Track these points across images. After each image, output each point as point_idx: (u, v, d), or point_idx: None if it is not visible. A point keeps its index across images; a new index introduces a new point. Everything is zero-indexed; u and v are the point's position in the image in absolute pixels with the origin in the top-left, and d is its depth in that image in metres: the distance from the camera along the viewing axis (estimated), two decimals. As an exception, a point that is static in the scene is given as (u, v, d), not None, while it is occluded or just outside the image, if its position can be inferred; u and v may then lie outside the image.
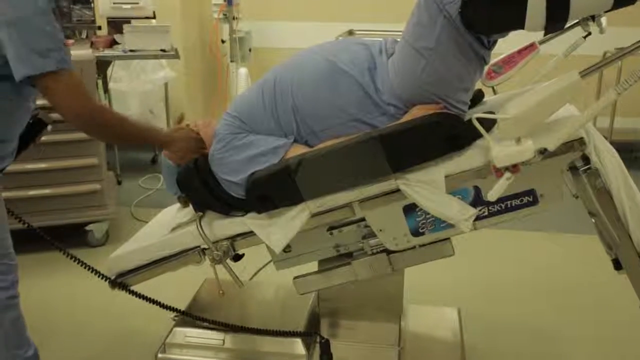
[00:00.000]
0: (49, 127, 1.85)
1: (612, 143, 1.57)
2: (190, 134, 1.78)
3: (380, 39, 1.70)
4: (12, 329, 1.81)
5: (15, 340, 1.83)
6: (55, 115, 1.70)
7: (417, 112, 1.57)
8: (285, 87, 1.65)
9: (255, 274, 2.40)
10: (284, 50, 3.41)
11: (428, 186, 1.54)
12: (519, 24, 1.41)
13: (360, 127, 1.61)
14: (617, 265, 1.65)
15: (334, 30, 3.88)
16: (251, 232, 1.70)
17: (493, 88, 1.89)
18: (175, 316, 2.00)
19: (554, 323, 2.49)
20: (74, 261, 1.82)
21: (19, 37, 1.49)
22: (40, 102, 1.76)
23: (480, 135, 1.48)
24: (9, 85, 1.58)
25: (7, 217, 1.78)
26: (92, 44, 3.57)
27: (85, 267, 1.82)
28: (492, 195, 1.45)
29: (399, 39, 1.63)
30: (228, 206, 1.74)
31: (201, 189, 1.73)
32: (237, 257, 1.84)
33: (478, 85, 1.73)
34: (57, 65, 1.52)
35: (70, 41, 3.36)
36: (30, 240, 2.00)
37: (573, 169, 1.62)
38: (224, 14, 4.24)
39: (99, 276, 1.84)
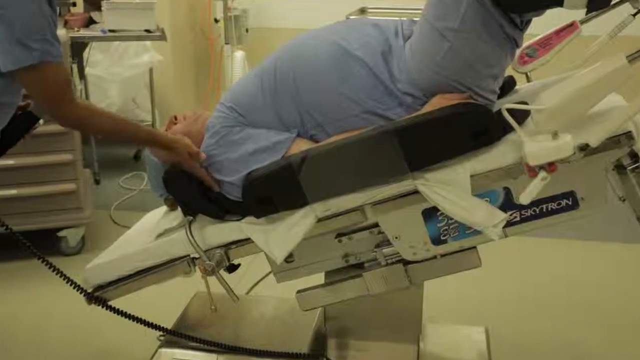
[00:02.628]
0: (41, 121, 1.87)
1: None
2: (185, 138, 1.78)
3: (396, 19, 1.70)
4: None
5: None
6: None
7: (438, 103, 1.57)
8: (287, 74, 1.66)
9: (253, 287, 2.40)
10: (285, 31, 3.41)
11: (451, 187, 1.54)
12: (557, 0, 1.41)
13: (373, 119, 1.61)
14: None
15: (344, 8, 3.88)
16: (248, 239, 1.70)
17: (526, 74, 1.89)
18: (161, 335, 2.00)
19: (595, 343, 2.48)
20: (49, 268, 1.82)
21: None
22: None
23: (511, 129, 1.48)
24: None
25: None
26: (65, 23, 3.58)
27: (60, 276, 1.82)
28: (524, 197, 1.45)
29: (417, 19, 1.63)
30: (222, 209, 1.74)
31: (191, 189, 1.73)
32: (232, 268, 1.84)
33: (509, 71, 1.73)
34: (39, 58, 1.54)
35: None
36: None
37: (619, 167, 1.61)
38: (217, -11, 4.25)
39: (74, 288, 1.85)
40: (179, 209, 1.85)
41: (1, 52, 1.54)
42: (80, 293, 1.86)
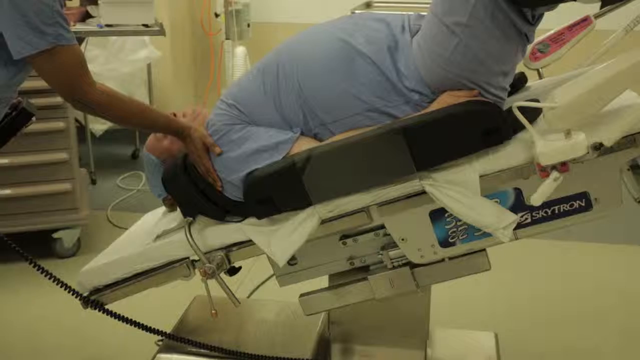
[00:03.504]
0: (34, 118, 1.89)
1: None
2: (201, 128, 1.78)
3: (403, 14, 1.70)
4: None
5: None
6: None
7: (446, 100, 1.58)
8: (290, 70, 1.66)
9: (254, 290, 2.41)
10: (289, 26, 3.42)
11: (459, 188, 1.54)
12: (570, -6, 1.41)
13: (379, 117, 1.62)
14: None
15: (349, 3, 3.88)
16: (250, 241, 1.71)
17: (538, 71, 1.89)
18: (159, 340, 2.01)
19: (610, 351, 2.48)
20: (41, 272, 1.83)
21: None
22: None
23: (522, 128, 1.48)
24: None
25: None
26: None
27: (53, 281, 1.83)
28: (535, 199, 1.45)
29: (425, 13, 1.64)
30: (222, 210, 1.75)
31: (191, 189, 1.74)
32: (233, 271, 1.85)
33: (520, 67, 1.73)
34: (54, 42, 1.57)
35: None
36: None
37: (635, 167, 1.62)
38: (217, -17, 4.26)
39: (69, 292, 1.85)
40: (178, 209, 1.85)
41: (15, 38, 1.56)
42: (75, 297, 1.87)
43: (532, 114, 1.50)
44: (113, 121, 1.75)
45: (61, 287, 1.83)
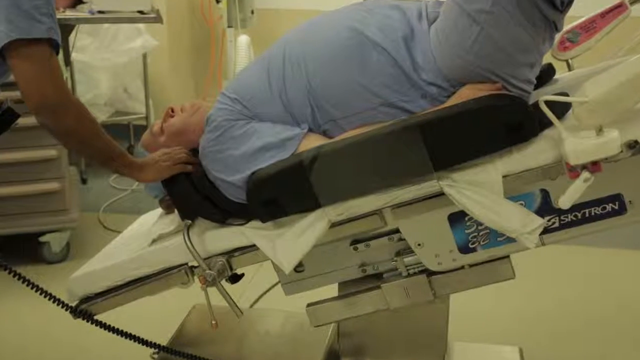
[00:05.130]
0: (18, 120, 1.89)
1: None
2: (160, 150, 1.82)
3: (420, 0, 1.70)
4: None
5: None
6: None
7: (467, 94, 1.57)
8: (297, 62, 1.67)
9: (258, 299, 2.42)
10: (296, 14, 3.43)
11: (481, 189, 1.54)
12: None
13: (393, 112, 1.62)
14: None
15: (360, -13, 3.88)
16: (253, 245, 1.71)
17: (567, 62, 1.89)
18: (155, 353, 2.01)
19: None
20: (23, 282, 1.82)
21: None
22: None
23: (549, 124, 1.48)
24: None
25: None
26: (50, 4, 3.60)
27: (36, 291, 1.82)
28: (564, 201, 1.45)
29: (443, 0, 1.64)
30: (224, 213, 1.75)
31: (190, 190, 1.75)
32: (235, 278, 1.85)
33: (547, 58, 1.72)
34: (47, 33, 1.57)
35: None
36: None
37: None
38: (218, -34, 4.27)
39: (56, 303, 1.85)
40: (176, 211, 1.86)
41: (5, 22, 1.54)
42: (62, 307, 1.86)
43: (561, 109, 1.50)
44: (74, 143, 1.72)
45: (47, 297, 1.82)
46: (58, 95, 1.61)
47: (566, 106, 1.49)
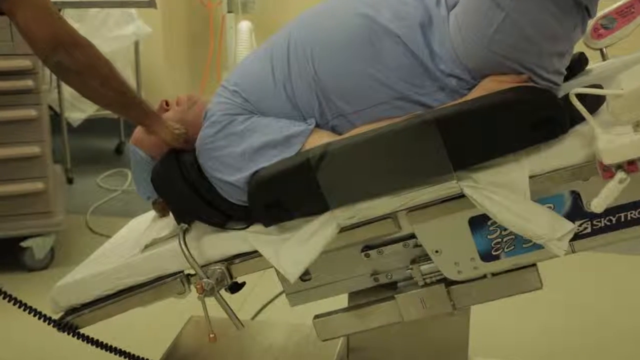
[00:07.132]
0: None
1: None
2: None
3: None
4: None
5: None
6: None
7: (489, 86, 1.58)
8: (303, 51, 1.67)
9: (260, 310, 2.42)
10: (301, -3, 3.42)
11: (505, 191, 1.54)
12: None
13: (409, 107, 1.62)
14: None
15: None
16: (255, 252, 1.72)
17: (601, 51, 1.89)
18: (148, 369, 2.02)
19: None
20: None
21: None
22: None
23: (581, 119, 1.48)
24: None
25: None
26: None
27: (14, 303, 1.82)
28: (597, 204, 1.45)
29: (465, -17, 1.64)
30: (223, 216, 1.76)
31: (186, 191, 1.75)
32: (236, 287, 1.85)
33: (579, 47, 1.72)
34: None
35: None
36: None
37: None
38: (217, -55, 4.28)
39: (34, 315, 1.85)
40: (171, 215, 1.86)
41: None
42: (44, 321, 1.86)
43: (594, 103, 1.49)
44: (96, 82, 1.75)
45: (25, 310, 1.82)
46: (68, 30, 1.67)
47: (600, 100, 1.49)
